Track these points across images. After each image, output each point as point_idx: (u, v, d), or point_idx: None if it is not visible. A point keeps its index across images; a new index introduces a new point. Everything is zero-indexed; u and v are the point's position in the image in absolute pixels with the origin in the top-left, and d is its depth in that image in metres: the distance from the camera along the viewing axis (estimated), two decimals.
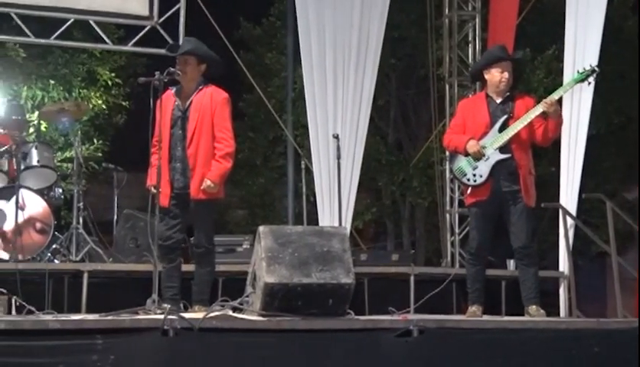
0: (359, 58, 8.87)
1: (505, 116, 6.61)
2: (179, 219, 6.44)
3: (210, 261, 6.53)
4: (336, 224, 8.23)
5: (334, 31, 8.87)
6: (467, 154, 6.61)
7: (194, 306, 6.36)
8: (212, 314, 5.52)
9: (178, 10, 9.69)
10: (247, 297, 5.81)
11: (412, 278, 7.98)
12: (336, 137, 8.29)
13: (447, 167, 9.80)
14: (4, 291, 6.05)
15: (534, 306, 6.52)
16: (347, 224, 8.50)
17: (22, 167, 7.82)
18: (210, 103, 6.44)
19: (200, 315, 5.53)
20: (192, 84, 6.50)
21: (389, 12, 9.12)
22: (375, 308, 7.15)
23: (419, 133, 14.05)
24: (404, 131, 14.74)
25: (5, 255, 7.55)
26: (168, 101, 6.40)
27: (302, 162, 9.55)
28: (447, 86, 10.48)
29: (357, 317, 5.79)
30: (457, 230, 10.10)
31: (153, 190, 6.30)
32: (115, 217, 9.01)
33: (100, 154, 12.10)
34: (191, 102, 6.46)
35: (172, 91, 6.47)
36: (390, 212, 14.82)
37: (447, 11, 10.54)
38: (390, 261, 8.44)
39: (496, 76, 6.66)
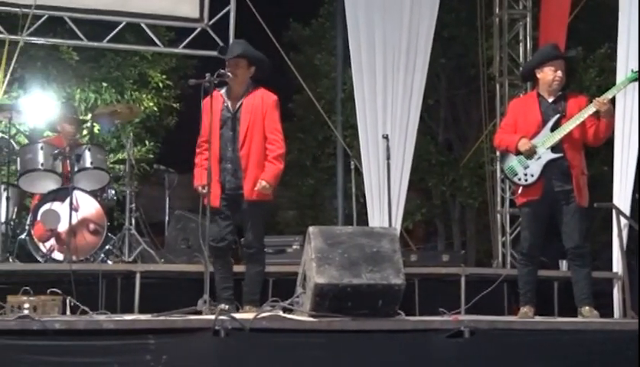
0: (409, 58, 8.84)
1: (557, 115, 6.54)
2: (230, 219, 6.47)
3: (261, 262, 6.56)
4: (386, 224, 8.22)
5: (383, 31, 8.85)
6: (518, 154, 6.56)
7: (245, 306, 6.39)
8: (263, 315, 5.55)
9: (228, 12, 9.75)
10: (297, 297, 5.82)
11: (462, 279, 7.93)
12: (386, 137, 8.27)
13: (498, 166, 9.72)
14: (59, 292, 6.12)
15: (587, 308, 6.44)
16: (397, 224, 8.47)
17: (76, 169, 7.91)
18: (262, 105, 6.48)
19: (251, 315, 5.56)
20: (242, 86, 6.53)
21: (439, 11, 9.07)
22: (426, 309, 7.12)
23: (469, 133, 13.98)
24: (454, 131, 14.68)
25: (60, 256, 7.65)
26: (217, 102, 6.44)
27: (352, 162, 9.54)
28: (497, 86, 10.39)
29: (407, 318, 5.78)
30: (508, 230, 10.02)
31: (201, 190, 6.36)
32: (167, 218, 9.09)
33: (152, 156, 12.23)
34: (241, 104, 6.50)
35: (220, 92, 6.51)
36: (440, 213, 14.77)
37: (497, 9, 10.46)
38: (440, 262, 8.40)
39: (549, 75, 6.59)
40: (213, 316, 5.24)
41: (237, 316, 5.47)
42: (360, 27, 8.87)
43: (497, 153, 8.43)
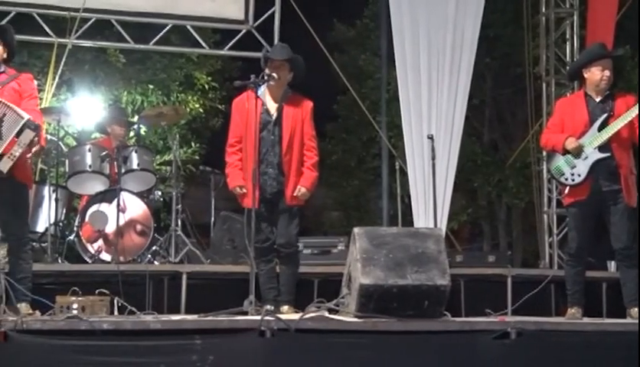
0: (454, 58, 8.80)
1: (605, 115, 6.47)
2: (270, 221, 6.52)
3: (297, 262, 6.63)
4: (431, 225, 8.18)
5: (428, 31, 8.81)
6: (565, 153, 6.50)
7: (282, 307, 6.42)
8: (308, 315, 5.56)
9: (273, 13, 9.79)
10: (343, 298, 5.82)
11: (509, 280, 7.86)
12: (431, 137, 8.23)
13: (544, 166, 9.63)
14: (107, 292, 6.19)
15: (636, 309, 6.36)
16: (443, 225, 8.43)
17: (123, 171, 7.98)
18: (301, 111, 6.52)
19: (295, 316, 5.57)
20: (281, 90, 6.56)
21: (484, 11, 9.01)
22: (472, 310, 7.08)
23: (515, 133, 13.88)
24: (500, 131, 14.59)
25: (107, 257, 7.72)
26: (253, 103, 6.42)
27: (397, 163, 9.52)
28: (544, 85, 10.30)
29: (453, 319, 5.75)
30: (555, 231, 9.92)
31: (239, 191, 6.40)
32: (213, 219, 9.14)
33: (197, 157, 12.31)
34: (282, 109, 6.52)
35: (256, 93, 6.48)
36: (485, 213, 14.69)
37: (544, 8, 10.36)
38: (486, 263, 8.34)
39: (596, 75, 6.52)
40: (258, 317, 5.26)
41: (283, 317, 5.49)
42: (404, 27, 8.85)
43: (544, 153, 8.37)
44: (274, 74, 6.43)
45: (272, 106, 6.53)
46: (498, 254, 8.83)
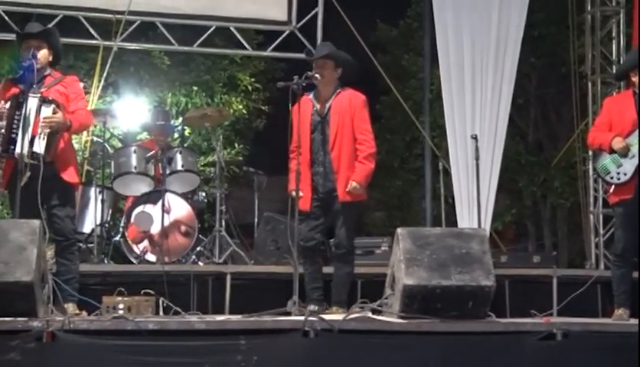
0: (497, 57, 8.74)
1: None
2: (320, 220, 6.52)
3: (350, 263, 6.60)
4: (475, 225, 8.14)
5: (471, 31, 8.77)
6: (611, 152, 6.43)
7: (333, 307, 6.42)
8: (352, 316, 5.56)
9: (316, 14, 9.80)
10: (386, 298, 5.81)
11: (554, 280, 7.81)
12: (474, 137, 8.19)
13: (590, 166, 9.53)
14: (152, 292, 6.24)
15: None
16: (487, 225, 8.38)
17: (167, 172, 8.04)
18: (350, 106, 6.51)
19: (339, 316, 5.57)
20: (329, 88, 6.56)
21: (528, 10, 8.95)
22: (516, 311, 7.03)
23: (560, 132, 13.75)
24: (544, 131, 14.46)
25: (152, 257, 7.78)
26: (306, 106, 6.48)
27: (440, 163, 9.47)
28: (589, 84, 10.19)
29: (498, 320, 5.71)
30: (601, 231, 9.80)
31: (294, 195, 6.41)
32: (256, 220, 9.17)
33: (241, 158, 12.35)
34: (330, 107, 6.53)
35: (309, 96, 6.54)
36: (530, 214, 14.57)
37: (589, 7, 10.24)
38: (531, 263, 8.29)
39: None
40: (302, 317, 5.27)
41: (326, 317, 5.49)
42: (448, 27, 8.82)
43: (590, 152, 8.28)
44: (316, 74, 6.45)
45: (322, 106, 6.55)
46: (543, 255, 8.77)
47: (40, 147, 5.95)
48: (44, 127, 5.98)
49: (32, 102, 5.99)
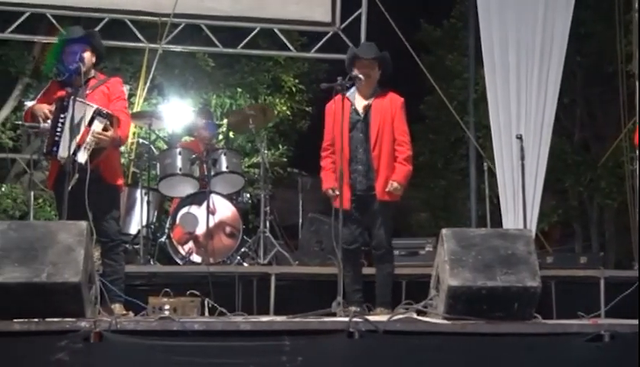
0: (543, 56, 8.66)
1: None
2: (359, 221, 6.52)
3: (391, 262, 6.62)
4: (520, 226, 8.07)
5: (516, 30, 8.70)
6: None
7: (377, 308, 6.42)
8: (396, 317, 5.54)
9: (360, 15, 9.80)
10: (431, 299, 5.79)
11: (602, 281, 7.71)
12: (519, 137, 8.13)
13: (638, 165, 9.40)
14: (198, 293, 6.27)
15: None
16: (533, 226, 8.31)
17: (212, 173, 8.08)
18: (390, 107, 6.54)
19: (384, 317, 5.56)
20: (370, 88, 6.58)
21: (574, 8, 8.85)
22: (563, 312, 6.95)
23: (606, 132, 13.59)
24: (591, 130, 14.32)
25: (198, 258, 7.83)
26: (341, 105, 6.44)
27: (485, 164, 9.42)
28: (637, 83, 10.05)
29: (544, 321, 5.66)
30: None
31: (331, 194, 6.42)
32: (300, 221, 9.19)
33: (285, 159, 12.41)
34: (370, 106, 6.54)
35: (345, 95, 6.51)
36: (577, 214, 14.43)
37: (637, 4, 10.11)
38: (578, 264, 8.20)
39: None
40: (347, 318, 5.27)
41: (371, 318, 5.48)
42: (492, 26, 8.76)
43: (637, 151, 8.18)
44: (360, 75, 6.46)
45: (361, 105, 6.56)
46: (590, 256, 8.67)
47: (82, 157, 6.00)
48: (92, 140, 6.03)
49: (85, 110, 6.04)
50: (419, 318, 5.62)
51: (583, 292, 7.77)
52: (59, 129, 6.03)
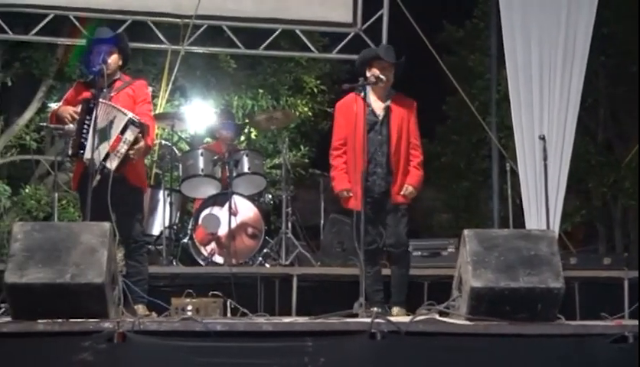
0: (566, 57, 8.62)
1: None
2: (376, 222, 6.53)
3: (407, 262, 6.63)
4: (543, 227, 8.04)
5: (539, 30, 8.66)
6: None
7: (393, 308, 6.42)
8: (419, 318, 5.53)
9: (381, 15, 9.79)
10: (453, 300, 5.77)
11: (626, 282, 7.68)
12: (542, 138, 8.10)
13: None
14: (220, 294, 6.29)
15: None
16: (556, 227, 8.27)
17: (234, 174, 8.11)
18: (407, 111, 6.55)
19: (406, 318, 5.55)
20: (385, 90, 6.59)
21: (597, 8, 8.80)
22: (587, 313, 6.92)
23: (630, 132, 13.52)
24: (614, 131, 14.23)
25: (220, 259, 7.85)
26: (357, 105, 6.43)
27: (507, 164, 9.39)
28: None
29: (567, 322, 5.63)
30: None
31: (345, 195, 6.43)
32: (322, 221, 9.20)
33: (307, 160, 12.41)
34: (388, 109, 6.54)
35: (360, 95, 6.48)
36: (600, 215, 14.35)
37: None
38: (601, 265, 8.17)
39: None
40: (369, 319, 5.27)
41: (393, 319, 5.48)
42: (515, 26, 8.72)
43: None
44: (382, 76, 6.46)
45: (378, 107, 6.56)
46: (614, 257, 8.63)
47: (111, 164, 6.03)
48: (122, 147, 6.05)
49: (120, 118, 6.06)
50: (442, 319, 5.60)
51: (607, 293, 7.74)
52: (85, 131, 6.06)
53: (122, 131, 6.06)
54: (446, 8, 14.40)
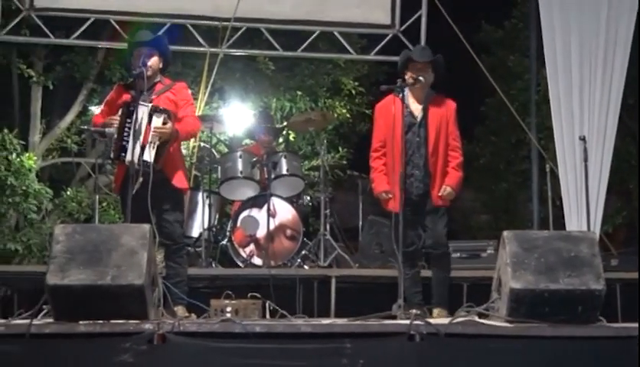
0: (607, 56, 8.54)
1: None
2: (416, 224, 6.51)
3: (448, 263, 6.61)
4: (584, 228, 7.97)
5: (579, 29, 8.59)
6: None
7: (434, 310, 6.40)
8: (458, 320, 5.51)
9: (420, 17, 9.77)
10: (493, 302, 5.75)
11: None
12: (583, 139, 8.04)
13: None
14: (258, 296, 6.31)
15: None
16: (596, 228, 8.20)
17: (272, 176, 8.13)
18: (446, 112, 6.53)
19: (445, 320, 5.53)
20: (424, 91, 6.57)
21: (639, 8, 8.72)
22: (628, 315, 6.85)
23: None
24: None
25: (259, 261, 7.88)
26: (396, 106, 6.42)
27: (547, 165, 9.32)
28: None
29: (609, 325, 5.58)
30: None
31: (384, 196, 6.42)
32: (360, 223, 9.19)
33: (345, 162, 12.39)
34: (427, 110, 6.51)
35: (398, 96, 6.48)
36: None
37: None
38: None
39: None
40: (408, 321, 5.25)
41: (432, 321, 5.46)
42: (555, 26, 8.66)
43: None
44: (420, 78, 6.44)
45: (416, 108, 6.55)
46: None
47: (150, 156, 6.10)
48: (155, 136, 6.12)
49: (143, 111, 6.14)
50: (481, 321, 5.58)
51: None
52: (126, 134, 6.12)
53: (149, 121, 6.12)
54: (485, 8, 14.31)
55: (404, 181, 6.23)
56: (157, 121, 6.15)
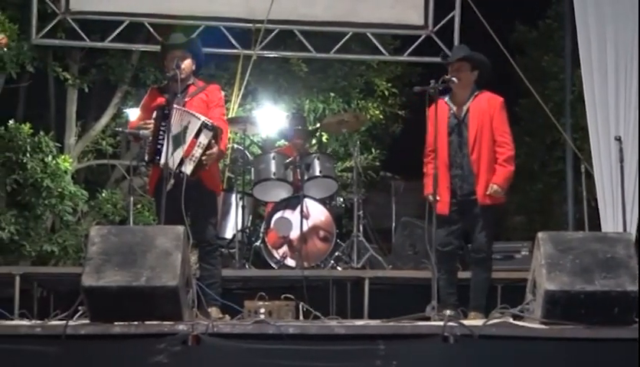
0: None
1: None
2: (458, 225, 6.48)
3: (489, 267, 6.54)
4: (620, 229, 7.90)
5: (615, 28, 8.52)
6: None
7: (471, 312, 6.36)
8: (492, 321, 5.48)
9: (453, 17, 9.73)
10: (527, 304, 5.71)
11: None
12: (618, 139, 7.96)
13: None
14: (292, 297, 6.32)
15: None
16: (633, 229, 8.12)
17: (305, 178, 8.14)
18: (488, 109, 6.47)
19: (479, 322, 5.51)
20: (466, 91, 6.52)
21: None
22: None
23: None
24: None
25: (292, 262, 7.89)
26: (442, 109, 6.43)
27: (582, 166, 9.25)
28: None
29: None
30: None
31: (431, 199, 6.39)
32: (394, 224, 9.18)
33: (378, 163, 12.39)
34: (468, 109, 6.48)
35: (445, 99, 6.51)
36: None
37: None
38: None
39: None
40: (441, 323, 5.24)
41: (466, 322, 5.44)
42: (590, 26, 8.59)
43: None
44: (453, 78, 6.42)
45: (459, 108, 6.52)
46: None
47: (187, 169, 6.11)
48: (199, 154, 6.12)
49: (193, 122, 6.14)
50: (516, 323, 5.55)
51: None
52: (160, 137, 6.15)
53: (197, 135, 6.13)
54: (519, 8, 14.23)
55: (435, 183, 6.19)
56: (204, 138, 6.14)
